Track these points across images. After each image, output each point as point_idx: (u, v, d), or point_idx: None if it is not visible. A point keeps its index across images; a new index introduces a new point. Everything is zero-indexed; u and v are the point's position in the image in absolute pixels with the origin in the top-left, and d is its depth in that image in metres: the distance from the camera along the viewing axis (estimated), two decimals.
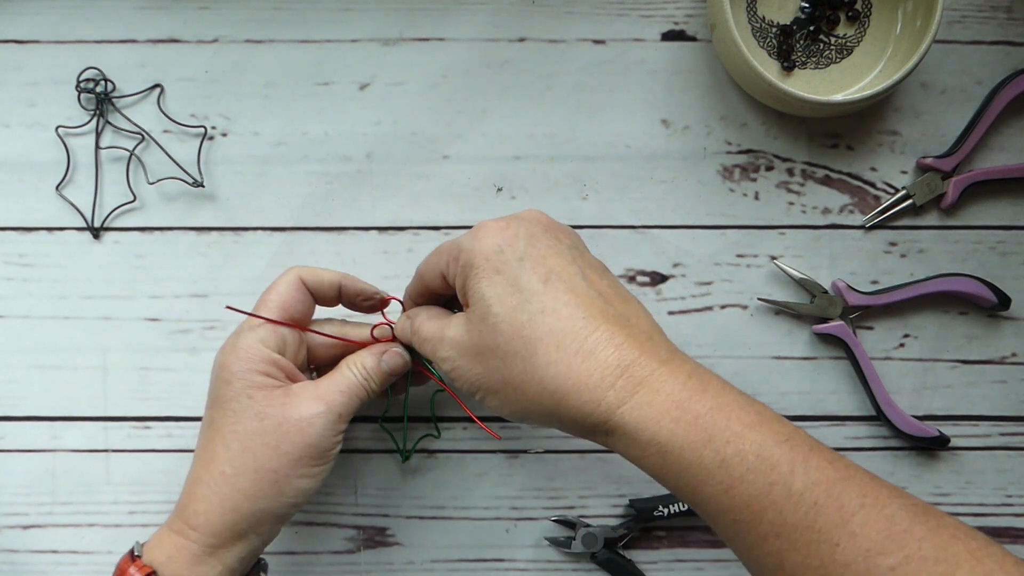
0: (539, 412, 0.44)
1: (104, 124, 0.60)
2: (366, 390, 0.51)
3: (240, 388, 0.49)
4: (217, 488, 0.48)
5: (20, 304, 0.60)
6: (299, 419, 0.48)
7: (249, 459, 0.48)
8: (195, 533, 0.48)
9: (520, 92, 0.60)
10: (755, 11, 0.60)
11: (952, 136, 0.60)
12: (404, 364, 0.53)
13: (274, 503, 0.48)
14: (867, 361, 0.59)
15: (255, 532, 0.48)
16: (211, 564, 0.48)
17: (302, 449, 0.48)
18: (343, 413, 0.49)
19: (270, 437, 0.48)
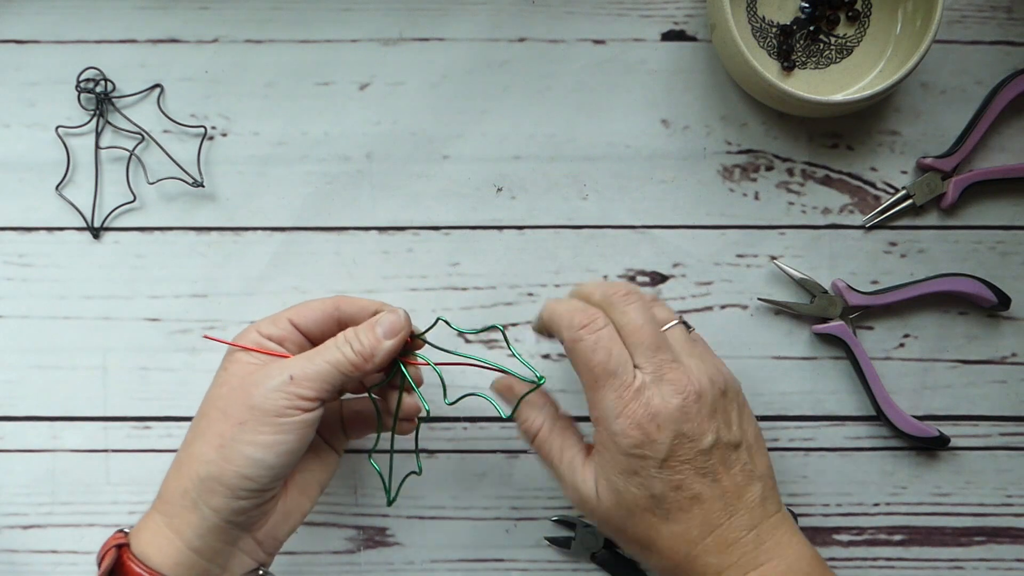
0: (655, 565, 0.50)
1: (104, 124, 0.60)
2: (345, 355, 0.48)
3: (225, 364, 0.49)
4: (178, 455, 0.48)
5: (20, 304, 0.60)
6: (252, 383, 0.47)
7: (203, 423, 0.48)
8: (158, 501, 0.48)
9: (520, 92, 0.60)
10: (755, 11, 0.60)
11: (952, 136, 0.60)
12: (400, 323, 0.49)
13: (220, 469, 0.46)
14: (867, 361, 0.59)
15: (205, 503, 0.46)
16: (168, 536, 0.47)
17: (246, 411, 0.46)
18: (297, 374, 0.47)
19: (222, 401, 0.47)
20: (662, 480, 0.47)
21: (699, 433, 0.47)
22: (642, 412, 0.47)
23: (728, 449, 0.48)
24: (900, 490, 0.60)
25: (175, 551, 0.46)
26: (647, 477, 0.47)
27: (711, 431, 0.48)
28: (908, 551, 0.60)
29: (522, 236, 0.60)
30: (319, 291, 0.60)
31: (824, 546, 0.60)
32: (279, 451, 0.46)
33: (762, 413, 0.60)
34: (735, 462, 0.48)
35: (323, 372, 0.47)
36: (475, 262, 0.60)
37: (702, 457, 0.47)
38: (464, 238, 0.60)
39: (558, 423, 0.52)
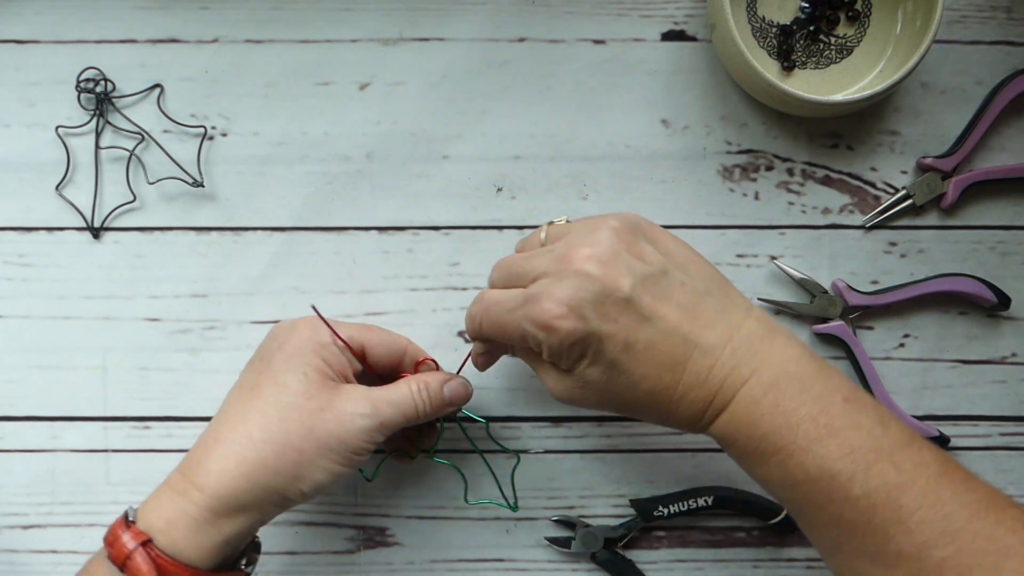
0: (631, 409, 0.48)
1: (104, 124, 0.60)
2: (416, 410, 0.50)
3: (301, 363, 0.48)
4: (239, 450, 0.47)
5: (20, 304, 0.60)
6: (342, 411, 0.48)
7: (282, 431, 0.47)
8: (199, 495, 0.46)
9: (520, 92, 0.60)
10: (755, 11, 0.60)
11: (952, 136, 0.60)
12: (467, 394, 0.53)
13: (288, 485, 0.47)
14: (867, 361, 0.59)
15: (258, 509, 0.47)
16: (210, 533, 0.46)
17: (335, 441, 0.47)
18: (385, 423, 0.49)
19: (309, 418, 0.47)
20: (609, 349, 0.45)
21: (614, 286, 0.45)
22: (549, 311, 0.45)
23: (654, 281, 0.45)
24: None
25: (215, 546, 0.47)
26: (595, 354, 0.46)
27: (625, 275, 0.45)
28: None
29: (522, 236, 0.60)
30: (319, 291, 0.60)
31: None
32: (338, 479, 0.49)
33: None
34: (669, 288, 0.46)
35: (399, 421, 0.50)
36: (475, 262, 0.60)
37: (631, 306, 0.45)
38: (464, 238, 0.60)
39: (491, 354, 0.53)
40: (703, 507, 0.58)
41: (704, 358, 0.45)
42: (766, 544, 0.60)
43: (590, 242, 0.46)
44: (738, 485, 0.59)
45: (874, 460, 0.43)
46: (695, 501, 0.59)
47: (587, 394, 0.48)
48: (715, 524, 0.60)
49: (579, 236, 0.47)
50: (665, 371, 0.45)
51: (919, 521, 0.42)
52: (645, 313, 0.45)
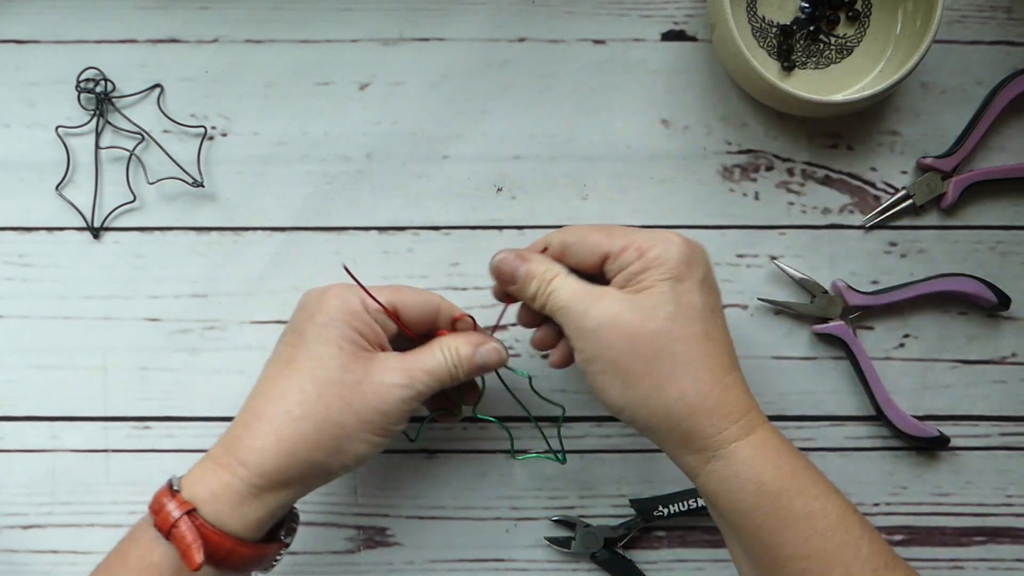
0: (660, 413, 0.48)
1: (104, 124, 0.60)
2: (451, 376, 0.50)
3: (334, 334, 0.48)
4: (279, 427, 0.47)
5: (20, 304, 0.60)
6: (380, 384, 0.48)
7: (321, 407, 0.47)
8: (243, 470, 0.47)
9: (520, 92, 0.60)
10: (755, 11, 0.60)
11: (952, 136, 0.60)
12: (499, 360, 0.52)
13: (331, 458, 0.48)
14: (867, 361, 0.59)
15: (302, 483, 0.48)
16: (254, 506, 0.47)
17: (374, 414, 0.48)
18: (422, 391, 0.49)
19: (348, 392, 0.48)
20: (709, 295, 0.49)
21: (707, 262, 0.50)
22: (680, 239, 0.49)
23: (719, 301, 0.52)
24: (900, 490, 0.60)
25: (260, 519, 0.47)
26: (690, 288, 0.48)
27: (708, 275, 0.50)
28: (908, 551, 0.60)
29: (522, 236, 0.60)
30: None
31: None
32: (379, 449, 0.49)
33: None
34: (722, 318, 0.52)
35: (434, 387, 0.50)
36: (475, 262, 0.60)
37: (714, 297, 0.50)
38: (464, 238, 0.60)
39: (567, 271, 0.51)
40: (703, 507, 0.58)
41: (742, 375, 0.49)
42: None
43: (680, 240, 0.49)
44: None
45: (864, 519, 0.48)
46: (695, 501, 0.59)
47: (647, 325, 0.47)
48: (715, 524, 0.60)
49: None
50: (727, 348, 0.49)
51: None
52: (718, 312, 0.49)
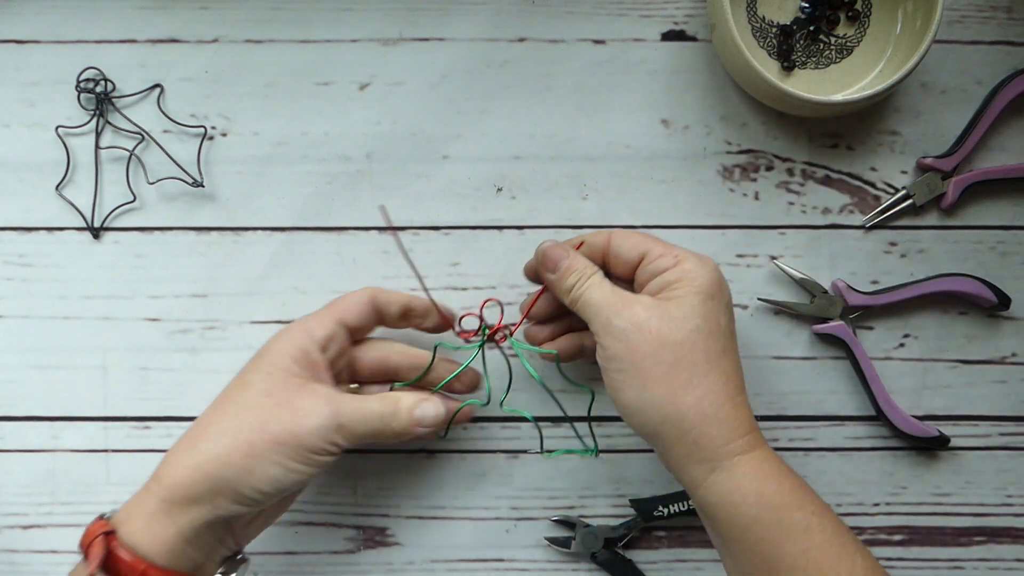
0: (672, 418, 0.49)
1: (104, 124, 0.60)
2: (383, 426, 0.50)
3: (267, 363, 0.49)
4: (192, 443, 0.48)
5: (20, 304, 0.60)
6: (298, 407, 0.48)
7: (233, 424, 0.48)
8: (155, 485, 0.48)
9: (520, 92, 0.60)
10: (755, 11, 0.60)
11: (952, 136, 0.60)
12: (435, 418, 0.52)
13: (238, 478, 0.47)
14: (867, 361, 0.59)
15: (210, 501, 0.47)
16: (163, 523, 0.47)
17: (287, 434, 0.48)
18: (345, 426, 0.49)
19: (263, 411, 0.48)
20: (725, 317, 0.51)
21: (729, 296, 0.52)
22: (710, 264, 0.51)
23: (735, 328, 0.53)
24: (900, 490, 0.60)
25: (169, 539, 0.47)
26: (717, 309, 0.50)
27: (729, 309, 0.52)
28: (908, 551, 0.60)
29: (522, 236, 0.60)
30: (319, 291, 0.60)
31: None
32: (298, 479, 0.48)
33: (762, 413, 0.60)
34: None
35: (365, 432, 0.50)
36: (475, 262, 0.60)
37: (732, 325, 0.52)
38: (464, 238, 0.60)
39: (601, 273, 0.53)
40: None
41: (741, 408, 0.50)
42: None
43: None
44: None
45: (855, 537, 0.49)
46: None
47: (674, 334, 0.49)
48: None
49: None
50: (739, 370, 0.51)
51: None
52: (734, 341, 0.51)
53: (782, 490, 0.48)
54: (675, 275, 0.50)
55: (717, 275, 0.51)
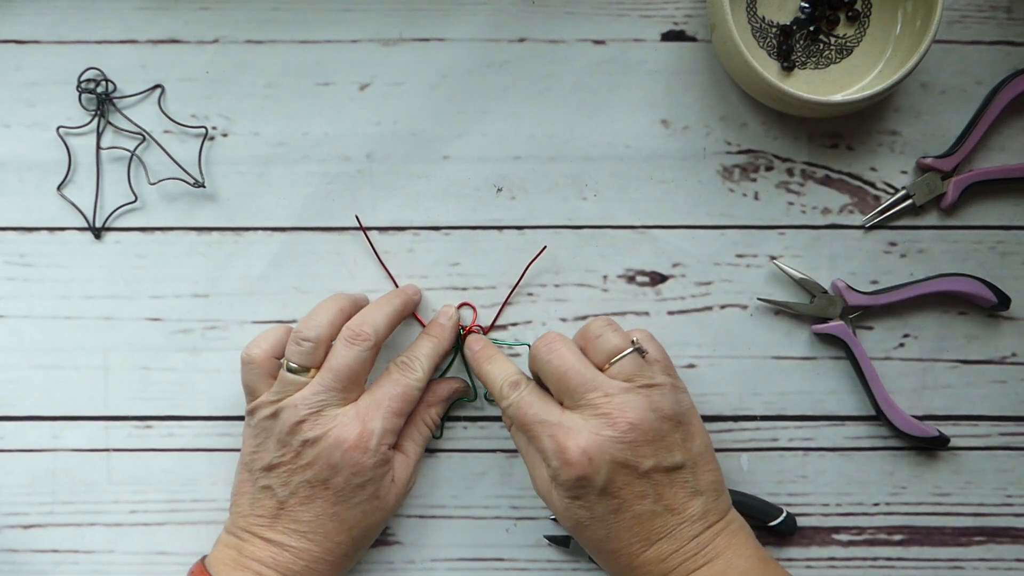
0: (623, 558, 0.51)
1: (105, 124, 0.60)
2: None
3: (369, 486, 0.54)
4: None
5: (21, 304, 0.60)
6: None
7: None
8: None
9: (520, 92, 0.60)
10: (755, 11, 0.60)
11: (952, 136, 0.60)
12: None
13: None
14: (867, 361, 0.59)
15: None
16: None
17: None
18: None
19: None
20: (602, 504, 0.50)
21: (636, 460, 0.50)
22: (575, 448, 0.50)
23: (669, 471, 0.51)
24: (900, 490, 0.60)
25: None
26: (589, 503, 0.51)
27: (650, 456, 0.50)
28: (908, 551, 0.60)
29: (522, 236, 0.60)
30: (319, 291, 0.60)
31: (824, 546, 0.60)
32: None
33: (762, 413, 0.60)
34: (676, 481, 0.51)
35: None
36: (475, 262, 0.60)
37: (640, 481, 0.50)
38: (464, 238, 0.60)
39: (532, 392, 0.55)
40: None
41: (673, 542, 0.50)
42: (766, 544, 0.60)
43: (643, 410, 0.51)
44: (737, 486, 0.60)
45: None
46: None
47: (563, 514, 0.52)
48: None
49: (637, 398, 0.51)
50: (636, 541, 0.51)
51: None
52: (648, 492, 0.50)
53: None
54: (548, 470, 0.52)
55: (575, 469, 0.50)
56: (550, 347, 0.53)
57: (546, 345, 0.53)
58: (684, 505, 0.51)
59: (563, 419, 0.51)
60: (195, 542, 0.59)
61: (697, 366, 0.60)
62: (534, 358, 0.54)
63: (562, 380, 0.52)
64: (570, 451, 0.50)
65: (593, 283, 0.60)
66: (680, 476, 0.51)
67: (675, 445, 0.51)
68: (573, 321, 0.60)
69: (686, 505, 0.51)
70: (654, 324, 0.60)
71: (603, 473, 0.50)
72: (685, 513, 0.51)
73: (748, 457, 0.60)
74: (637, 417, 0.50)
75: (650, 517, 0.50)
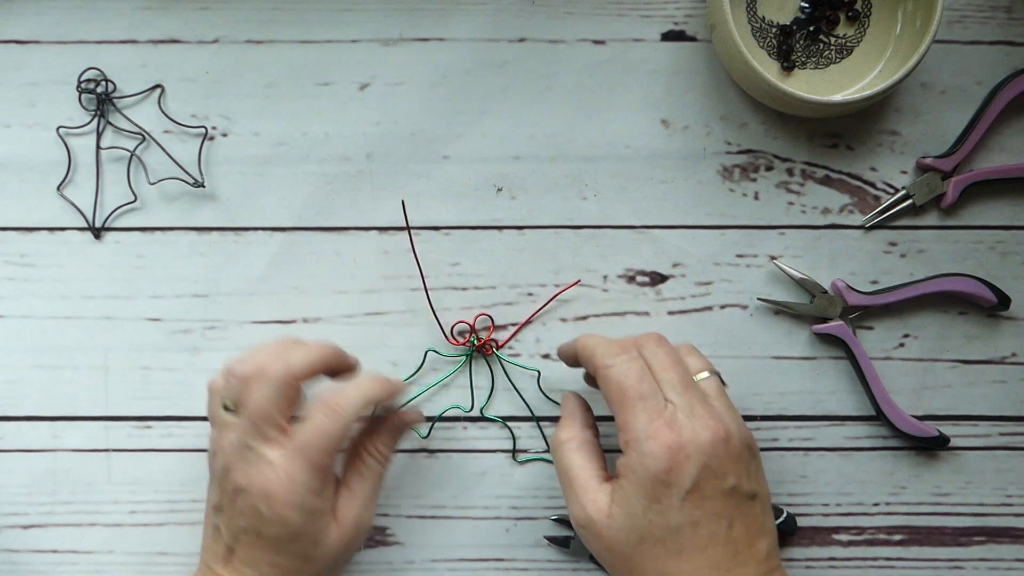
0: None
1: (105, 124, 0.60)
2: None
3: (305, 536, 0.51)
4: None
5: (21, 304, 0.60)
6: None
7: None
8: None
9: (520, 92, 0.60)
10: (755, 11, 0.60)
11: (952, 136, 0.60)
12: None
13: None
14: (867, 361, 0.59)
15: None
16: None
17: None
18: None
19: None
20: (682, 512, 0.47)
21: (724, 472, 0.48)
22: (672, 439, 0.47)
23: (746, 498, 0.48)
24: (900, 490, 0.60)
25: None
26: (668, 507, 0.47)
27: (734, 474, 0.48)
28: (908, 551, 0.60)
29: (522, 236, 0.60)
30: (319, 291, 0.60)
31: (824, 546, 0.60)
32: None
33: (762, 413, 0.60)
34: (750, 512, 0.49)
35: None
36: (475, 262, 0.60)
37: (723, 498, 0.47)
38: (464, 238, 0.60)
39: (588, 443, 0.52)
40: None
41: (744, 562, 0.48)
42: None
43: (733, 426, 0.49)
44: None
45: None
46: None
47: (625, 525, 0.48)
48: None
49: (727, 414, 0.50)
50: (706, 566, 0.47)
51: None
52: (727, 513, 0.48)
53: None
54: (622, 460, 0.49)
55: (668, 455, 0.47)
56: (660, 340, 0.51)
57: (657, 337, 0.51)
58: (753, 540, 0.48)
59: (666, 407, 0.48)
60: (194, 542, 0.59)
61: None
62: (642, 344, 0.51)
63: (669, 370, 0.49)
64: (667, 439, 0.47)
65: (593, 283, 0.60)
66: (753, 508, 0.49)
67: (752, 474, 0.49)
68: (573, 321, 0.60)
69: (755, 541, 0.48)
70: (654, 324, 0.60)
71: (693, 474, 0.47)
72: (754, 549, 0.48)
73: None
74: (730, 430, 0.48)
75: (724, 542, 0.47)
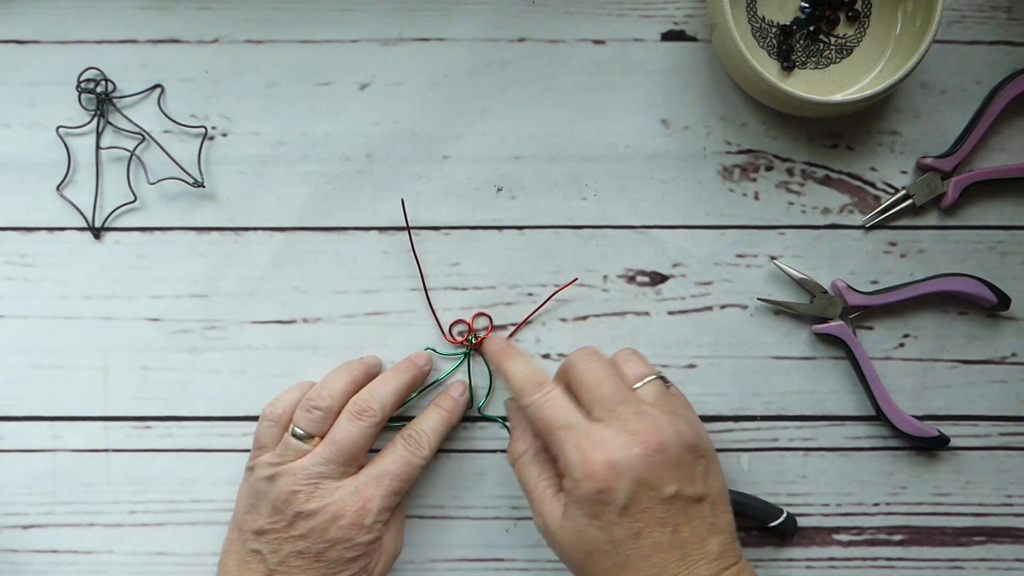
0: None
1: (105, 124, 0.60)
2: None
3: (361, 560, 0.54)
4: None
5: (21, 304, 0.60)
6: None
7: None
8: None
9: (520, 92, 0.60)
10: (755, 11, 0.60)
11: (952, 136, 0.60)
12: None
13: None
14: (867, 361, 0.59)
15: None
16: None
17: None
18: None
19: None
20: (622, 527, 0.48)
21: (660, 482, 0.48)
22: (601, 459, 0.48)
23: (691, 501, 0.49)
24: (900, 490, 0.60)
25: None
26: (607, 523, 0.48)
27: (673, 481, 0.49)
28: (908, 551, 0.60)
29: (522, 236, 0.60)
30: (319, 291, 0.60)
31: (824, 546, 0.60)
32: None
33: (762, 413, 0.60)
34: (697, 515, 0.49)
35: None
36: (475, 262, 0.60)
37: (663, 507, 0.48)
38: (464, 238, 0.60)
39: (541, 453, 0.53)
40: None
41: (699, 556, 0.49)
42: (766, 544, 0.60)
43: (670, 433, 0.49)
44: (737, 487, 0.60)
45: None
46: None
47: (574, 541, 0.50)
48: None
49: (665, 421, 0.50)
50: (653, 573, 0.48)
51: None
52: (668, 520, 0.48)
53: None
54: (564, 482, 0.50)
55: (600, 476, 0.48)
56: (589, 356, 0.52)
57: (586, 353, 0.53)
58: (703, 541, 0.49)
59: (591, 429, 0.49)
60: (194, 543, 0.59)
61: (697, 366, 0.60)
62: (571, 364, 0.53)
63: (597, 388, 0.51)
64: (596, 462, 0.48)
65: (593, 283, 0.60)
66: (700, 510, 0.49)
67: (697, 476, 0.50)
68: (573, 321, 0.60)
69: (705, 542, 0.49)
70: (654, 324, 0.60)
71: (626, 490, 0.48)
72: (704, 550, 0.49)
73: (748, 457, 0.60)
74: (665, 439, 0.49)
75: (669, 548, 0.48)
